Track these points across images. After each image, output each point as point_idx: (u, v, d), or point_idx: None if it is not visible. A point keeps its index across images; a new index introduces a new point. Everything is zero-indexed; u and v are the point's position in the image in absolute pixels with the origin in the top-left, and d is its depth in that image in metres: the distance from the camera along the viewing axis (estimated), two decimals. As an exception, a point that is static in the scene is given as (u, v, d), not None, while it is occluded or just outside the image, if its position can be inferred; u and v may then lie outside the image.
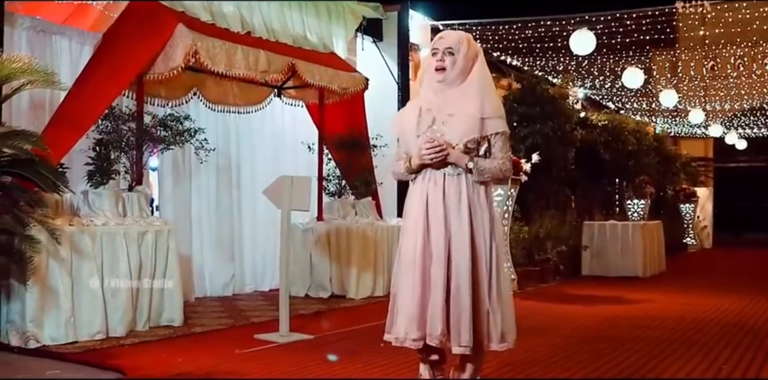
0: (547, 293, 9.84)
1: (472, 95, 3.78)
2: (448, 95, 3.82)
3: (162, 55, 6.62)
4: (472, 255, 3.71)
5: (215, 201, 8.87)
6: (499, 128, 3.80)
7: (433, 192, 3.79)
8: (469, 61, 3.83)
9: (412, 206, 3.86)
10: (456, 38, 3.85)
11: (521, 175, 9.60)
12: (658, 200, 17.05)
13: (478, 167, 3.74)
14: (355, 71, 8.88)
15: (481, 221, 3.76)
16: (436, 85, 3.86)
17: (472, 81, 3.82)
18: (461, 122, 3.75)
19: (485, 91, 3.82)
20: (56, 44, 7.26)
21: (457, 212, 3.73)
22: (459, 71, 3.80)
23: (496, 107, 3.83)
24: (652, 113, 18.42)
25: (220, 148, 8.83)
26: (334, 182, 9.20)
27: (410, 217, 3.85)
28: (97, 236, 5.90)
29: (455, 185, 3.77)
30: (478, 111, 3.75)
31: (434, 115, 3.83)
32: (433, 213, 3.76)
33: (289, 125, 9.63)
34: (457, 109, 3.78)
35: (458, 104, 3.78)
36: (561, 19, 10.29)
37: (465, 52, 3.82)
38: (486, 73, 3.90)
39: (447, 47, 3.83)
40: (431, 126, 3.81)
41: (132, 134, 6.48)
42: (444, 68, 3.82)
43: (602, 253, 12.09)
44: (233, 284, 9.01)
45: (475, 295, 3.69)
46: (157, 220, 6.58)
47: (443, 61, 3.82)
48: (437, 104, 3.83)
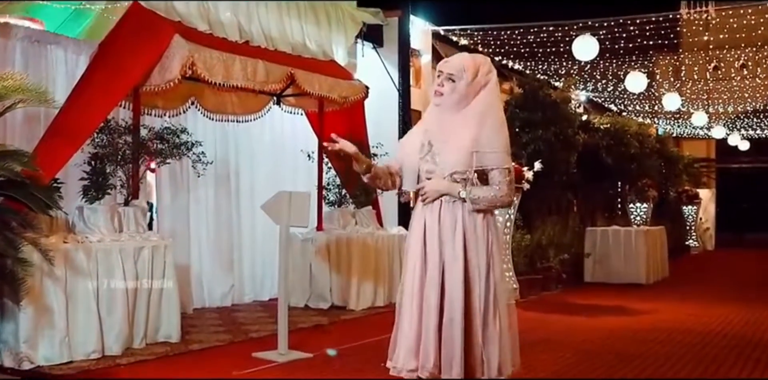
0: (550, 302, 9.72)
1: (470, 125, 3.60)
2: (446, 120, 3.68)
3: (158, 66, 6.51)
4: (465, 287, 3.58)
5: (214, 210, 8.76)
6: (497, 163, 3.60)
7: (430, 219, 3.66)
8: (473, 89, 3.63)
9: (413, 230, 3.75)
10: (460, 65, 3.67)
11: (523, 183, 9.47)
12: (660, 202, 16.93)
13: (472, 196, 3.59)
14: (355, 79, 8.75)
15: (476, 252, 3.60)
16: (435, 109, 3.75)
17: (474, 109, 3.63)
18: (452, 153, 3.61)
19: (486, 121, 3.61)
20: (51, 54, 7.16)
21: (452, 242, 3.61)
22: (458, 98, 3.64)
23: (497, 140, 3.61)
24: (655, 114, 18.31)
25: (218, 157, 8.73)
26: (333, 191, 9.08)
27: (411, 242, 3.74)
28: (92, 253, 5.79)
29: (451, 212, 3.64)
30: (471, 143, 3.57)
31: (430, 138, 3.70)
32: (429, 240, 3.65)
33: (288, 133, 9.52)
34: (451, 136, 3.62)
35: (453, 132, 3.63)
36: (564, 25, 10.18)
37: (468, 81, 3.63)
38: (493, 104, 3.69)
39: (449, 72, 3.67)
40: (430, 150, 3.69)
41: (128, 148, 6.36)
42: (442, 93, 3.68)
43: (605, 260, 11.96)
44: (232, 294, 8.91)
45: (468, 327, 3.57)
46: (154, 235, 6.46)
47: (442, 86, 3.68)
48: (435, 127, 3.71)
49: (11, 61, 6.84)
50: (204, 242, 8.67)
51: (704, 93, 15.71)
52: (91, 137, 6.24)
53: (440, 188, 3.63)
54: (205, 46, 6.68)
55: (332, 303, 8.64)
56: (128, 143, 6.37)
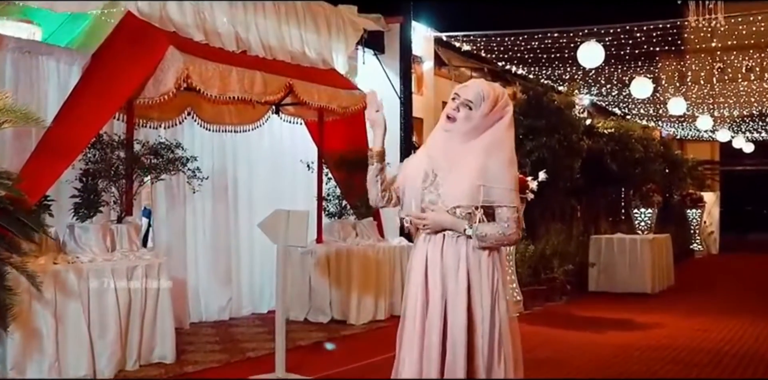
0: (555, 314, 9.53)
1: (478, 155, 3.37)
2: (454, 148, 3.45)
3: (153, 79, 6.32)
4: (468, 327, 3.38)
5: (211, 223, 8.57)
6: (504, 200, 3.38)
7: (432, 252, 3.45)
8: (488, 121, 3.40)
9: (414, 262, 3.52)
10: (480, 93, 3.42)
11: (528, 193, 9.28)
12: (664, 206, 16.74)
13: (479, 233, 3.36)
14: (355, 89, 8.55)
15: (480, 290, 3.38)
16: (443, 135, 3.50)
17: (483, 141, 3.40)
18: (456, 184, 3.39)
19: (496, 155, 3.38)
20: (43, 65, 6.95)
21: (455, 279, 3.39)
22: (470, 127, 3.41)
23: (505, 175, 3.38)
24: (659, 118, 18.11)
25: (216, 167, 8.55)
26: (334, 202, 8.89)
27: (412, 275, 3.52)
28: (83, 274, 5.60)
29: (454, 247, 3.42)
30: (476, 177, 3.34)
31: (433, 166, 3.47)
32: (431, 275, 3.43)
33: (287, 143, 9.32)
34: (456, 166, 3.40)
35: (459, 162, 3.40)
36: (568, 31, 9.98)
37: (486, 112, 3.39)
38: (504, 139, 3.43)
39: (467, 98, 3.42)
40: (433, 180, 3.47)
41: (121, 163, 6.17)
42: (455, 119, 3.43)
43: (610, 268, 11.76)
44: (230, 307, 8.71)
45: (470, 367, 3.38)
46: (148, 253, 6.27)
47: (457, 111, 3.43)
48: (441, 154, 3.48)
49: (1, 72, 6.65)
50: (201, 254, 8.48)
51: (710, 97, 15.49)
52: (83, 152, 6.04)
53: (444, 222, 3.41)
54: (200, 58, 6.48)
55: (332, 317, 8.46)
56: (121, 159, 6.17)
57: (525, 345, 3.64)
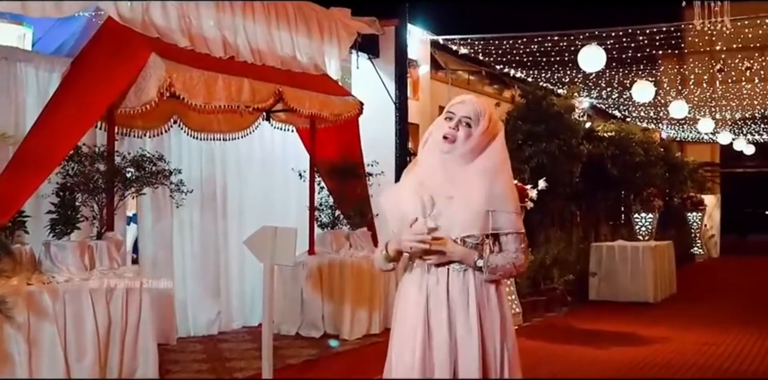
0: (555, 327, 9.23)
1: (480, 180, 3.08)
2: (451, 171, 3.13)
3: (134, 87, 6.00)
4: (482, 364, 3.09)
5: (199, 234, 8.25)
6: (510, 227, 3.11)
7: (434, 291, 3.11)
8: (486, 138, 3.12)
9: (408, 306, 3.16)
10: (479, 108, 3.14)
11: (527, 202, 9.01)
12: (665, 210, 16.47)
13: (490, 265, 3.07)
14: (348, 95, 8.25)
15: (491, 324, 3.10)
16: (439, 156, 3.17)
17: (486, 162, 3.11)
18: (462, 212, 3.08)
19: (500, 178, 3.11)
20: (21, 72, 6.65)
21: (465, 315, 3.07)
22: (471, 148, 3.11)
23: (508, 198, 3.12)
24: (660, 120, 17.83)
25: (204, 176, 8.26)
26: (326, 212, 8.59)
27: (406, 319, 3.16)
28: (59, 295, 5.29)
29: (460, 282, 3.11)
30: (484, 201, 3.06)
31: (432, 193, 3.15)
32: (435, 316, 3.09)
33: (279, 151, 9.01)
34: (458, 191, 3.09)
35: (461, 186, 3.09)
36: (569, 35, 9.69)
37: (485, 129, 3.11)
38: (502, 157, 3.17)
39: (465, 116, 3.12)
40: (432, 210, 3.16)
41: (101, 176, 5.86)
42: (455, 139, 3.12)
43: (611, 277, 11.46)
44: (219, 321, 8.40)
45: None
46: (129, 270, 5.96)
47: (457, 129, 3.11)
48: (438, 180, 3.15)
49: (-24, 80, 6.36)
50: (189, 267, 8.17)
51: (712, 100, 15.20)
52: (60, 165, 5.74)
53: (456, 252, 3.08)
54: (185, 65, 6.17)
55: (324, 331, 8.15)
56: (101, 172, 5.86)
57: (525, 363, 3.34)
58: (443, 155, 3.15)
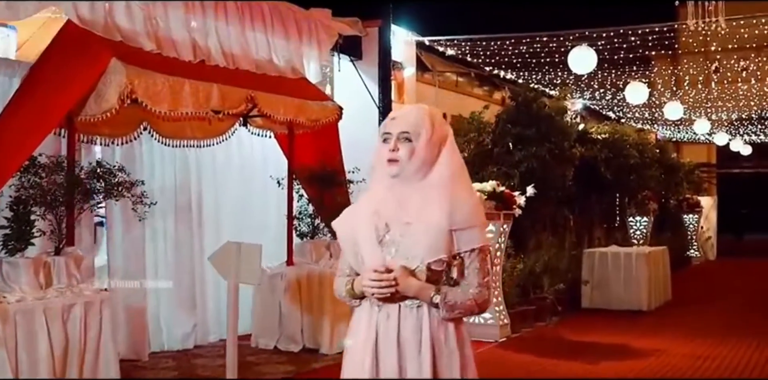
0: (545, 338, 8.91)
1: (438, 196, 2.76)
2: (404, 195, 2.82)
3: (94, 94, 5.65)
4: None
5: (174, 245, 7.92)
6: (475, 242, 2.77)
7: (384, 329, 2.79)
8: (434, 147, 2.80)
9: (357, 340, 2.86)
10: (414, 118, 2.83)
11: (515, 209, 8.72)
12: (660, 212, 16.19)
13: (447, 301, 2.73)
14: (327, 99, 7.92)
15: (448, 369, 2.75)
16: (387, 181, 2.85)
17: (439, 176, 2.80)
18: (422, 236, 2.74)
19: (459, 189, 2.81)
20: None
21: (416, 359, 2.74)
22: (420, 163, 2.79)
23: (471, 211, 2.79)
24: (655, 121, 17.51)
25: (178, 184, 7.94)
26: (306, 221, 8.26)
27: (353, 356, 2.86)
28: (9, 317, 4.96)
29: (414, 319, 2.77)
30: (446, 220, 2.73)
31: (387, 221, 2.83)
32: (384, 359, 2.76)
33: (258, 157, 8.68)
34: (416, 215, 2.76)
35: (418, 209, 2.77)
36: (558, 35, 9.37)
37: (428, 137, 2.80)
38: (457, 164, 2.86)
39: (402, 131, 2.81)
40: (384, 237, 2.84)
41: (58, 188, 5.53)
42: (398, 160, 2.80)
43: (604, 284, 11.13)
44: (195, 334, 8.07)
45: None
46: (88, 288, 5.62)
47: (397, 150, 2.80)
48: (391, 207, 2.83)
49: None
50: (162, 278, 7.81)
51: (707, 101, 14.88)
52: (14, 176, 5.41)
53: (411, 287, 2.74)
54: (149, 70, 5.83)
55: (304, 345, 7.82)
56: (58, 183, 5.52)
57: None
58: (393, 179, 2.83)
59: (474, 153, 10.32)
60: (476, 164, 10.29)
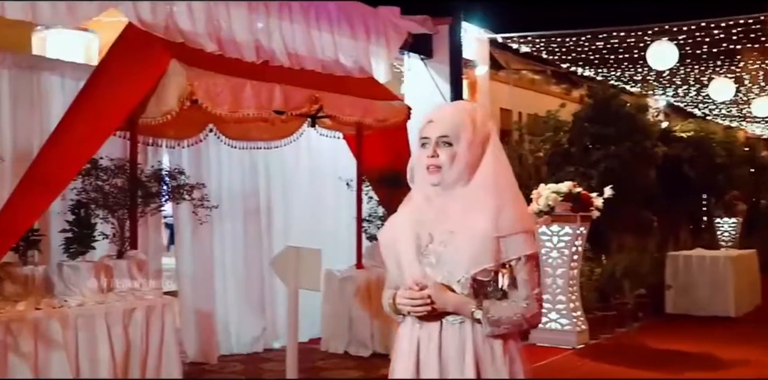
0: (625, 345, 8.52)
1: (482, 202, 2.55)
2: (447, 203, 2.60)
3: (155, 96, 5.61)
4: None
5: (243, 248, 7.86)
6: (523, 249, 2.54)
7: (425, 346, 2.59)
8: (477, 149, 2.59)
9: (400, 358, 2.68)
10: (453, 119, 2.60)
11: (592, 211, 8.40)
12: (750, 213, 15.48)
13: (491, 317, 2.51)
14: (395, 99, 7.75)
15: None
16: (430, 190, 2.64)
17: (483, 179, 2.58)
18: (466, 245, 2.52)
19: (501, 193, 2.58)
20: (46, 81, 6.38)
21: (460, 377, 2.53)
22: (462, 168, 2.57)
23: (518, 216, 2.57)
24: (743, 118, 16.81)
25: (247, 188, 7.87)
26: (376, 223, 8.10)
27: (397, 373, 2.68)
28: (69, 321, 4.94)
29: (457, 336, 2.56)
30: (491, 227, 2.51)
31: (429, 231, 2.62)
32: (425, 376, 2.57)
33: (328, 159, 8.53)
34: (459, 224, 2.55)
35: (461, 216, 2.56)
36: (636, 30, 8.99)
37: (470, 139, 2.57)
38: (502, 165, 2.64)
39: (441, 136, 2.59)
40: (426, 247, 2.63)
41: (118, 191, 5.49)
42: (439, 167, 2.59)
43: (689, 289, 10.62)
44: (264, 338, 8.00)
45: None
46: (152, 292, 5.57)
47: (436, 156, 2.59)
48: (433, 215, 2.62)
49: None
50: (231, 283, 7.78)
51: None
52: (75, 180, 5.40)
53: (448, 302, 2.54)
54: (209, 71, 5.76)
55: (373, 351, 7.68)
56: (118, 187, 5.49)
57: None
58: (435, 187, 2.63)
59: (550, 153, 10.02)
60: (553, 164, 10.01)
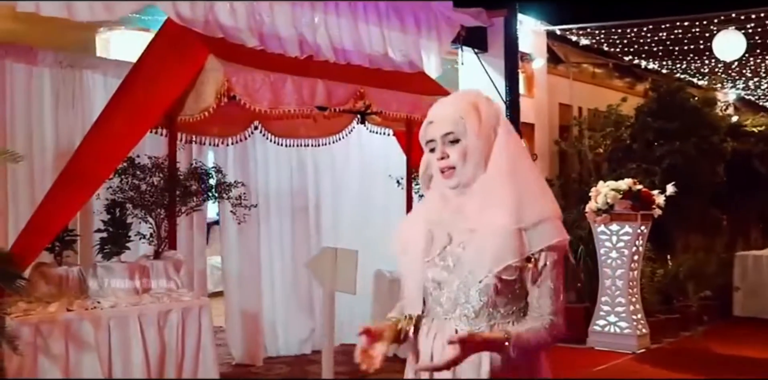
0: (689, 350, 8.13)
1: (500, 194, 2.31)
2: (464, 202, 2.38)
3: (193, 92, 5.48)
4: None
5: (290, 247, 7.72)
6: (547, 238, 2.30)
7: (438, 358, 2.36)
8: (487, 137, 2.36)
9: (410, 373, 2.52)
10: (454, 113, 2.38)
11: (654, 209, 8.04)
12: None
13: (519, 345, 2.25)
14: (446, 94, 7.47)
15: None
16: (448, 192, 2.42)
17: (497, 168, 2.34)
18: (487, 243, 2.29)
19: (519, 180, 2.33)
20: (88, 80, 6.34)
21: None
22: (478, 161, 2.35)
23: (538, 202, 2.33)
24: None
25: (295, 185, 7.74)
26: (426, 222, 7.85)
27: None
28: (101, 322, 4.84)
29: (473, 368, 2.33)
30: (512, 219, 2.27)
31: (448, 231, 2.41)
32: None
33: (378, 157, 8.30)
34: (478, 221, 2.33)
35: (480, 213, 2.33)
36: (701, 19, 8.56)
37: (477, 129, 2.34)
38: (515, 149, 2.40)
39: (446, 133, 2.38)
40: (445, 248, 2.42)
41: (155, 190, 5.38)
42: (453, 167, 2.37)
43: (758, 291, 10.11)
44: (312, 339, 7.86)
45: None
46: (188, 293, 5.45)
47: (447, 157, 2.38)
48: (449, 216, 2.41)
49: (38, 90, 6.04)
50: (278, 282, 7.66)
51: None
52: (110, 178, 5.31)
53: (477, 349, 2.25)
54: (248, 66, 5.60)
55: (424, 354, 7.45)
56: (154, 185, 5.37)
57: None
58: (452, 190, 2.41)
59: (611, 149, 9.65)
60: (613, 160, 9.64)
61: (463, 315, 2.37)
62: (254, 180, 7.40)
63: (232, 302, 7.31)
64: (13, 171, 5.85)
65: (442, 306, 2.42)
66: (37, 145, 6.03)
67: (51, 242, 5.04)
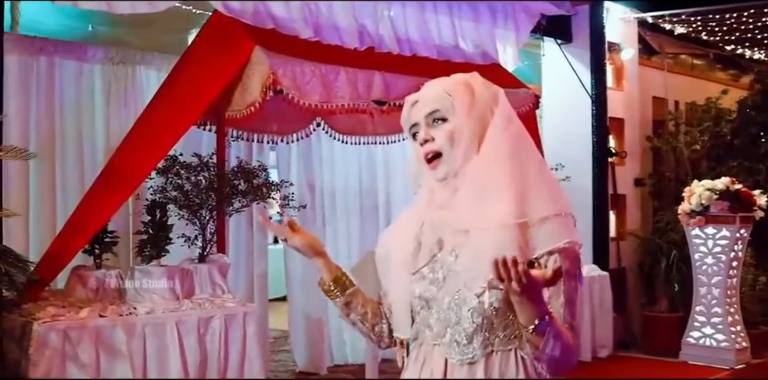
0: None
1: (496, 180, 1.90)
2: (453, 195, 1.97)
3: (240, 86, 5.19)
4: None
5: (358, 249, 7.35)
6: (555, 238, 1.87)
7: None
8: (480, 118, 1.96)
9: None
10: (440, 89, 2.02)
11: (755, 211, 7.36)
12: None
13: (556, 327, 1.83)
14: (521, 87, 7.01)
15: None
16: (436, 186, 2.02)
17: (493, 154, 1.93)
18: (486, 244, 1.85)
19: (520, 168, 1.92)
20: (141, 76, 6.16)
21: None
22: (467, 146, 1.95)
23: (544, 194, 1.91)
24: None
25: (364, 184, 7.41)
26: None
27: None
28: (135, 329, 4.58)
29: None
30: (513, 210, 1.86)
31: (439, 235, 2.01)
32: None
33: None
34: (472, 217, 1.91)
35: (473, 206, 1.92)
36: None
37: (468, 105, 1.96)
38: (515, 133, 1.98)
39: (430, 112, 1.99)
40: (435, 257, 2.01)
41: (199, 189, 5.10)
42: (439, 153, 1.98)
43: None
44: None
45: None
46: (232, 300, 5.14)
47: (432, 140, 1.99)
48: (438, 216, 2.00)
49: (88, 87, 5.89)
50: (345, 288, 7.31)
51: None
52: (152, 178, 5.07)
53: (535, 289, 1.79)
54: (297, 58, 5.28)
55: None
56: (196, 185, 5.09)
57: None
58: (440, 183, 2.00)
59: (709, 145, 8.93)
60: (712, 157, 8.91)
61: (453, 341, 1.97)
62: (319, 179, 7.11)
63: (295, 307, 7.03)
64: (63, 170, 5.72)
65: (431, 329, 2.03)
66: (88, 143, 5.89)
67: (88, 243, 4.83)
